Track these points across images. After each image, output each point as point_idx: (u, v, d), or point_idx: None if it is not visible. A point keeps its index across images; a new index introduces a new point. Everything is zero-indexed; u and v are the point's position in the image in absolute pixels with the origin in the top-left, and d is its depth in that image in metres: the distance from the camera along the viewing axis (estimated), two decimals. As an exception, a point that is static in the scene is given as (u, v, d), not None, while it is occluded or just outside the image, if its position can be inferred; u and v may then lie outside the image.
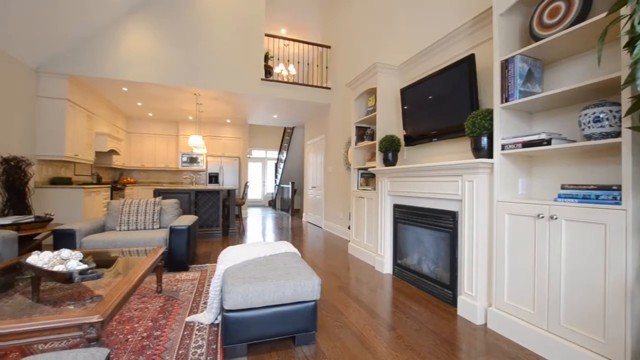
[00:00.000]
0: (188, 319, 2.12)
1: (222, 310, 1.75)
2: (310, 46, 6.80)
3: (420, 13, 3.44)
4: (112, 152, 6.60)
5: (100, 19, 4.62)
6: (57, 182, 4.89)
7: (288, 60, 6.82)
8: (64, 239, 2.87)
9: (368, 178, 4.06)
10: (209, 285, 2.81)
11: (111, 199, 6.15)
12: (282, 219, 8.31)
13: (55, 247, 2.80)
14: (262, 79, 5.65)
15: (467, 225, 2.28)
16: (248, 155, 10.03)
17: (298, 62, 6.42)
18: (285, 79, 6.78)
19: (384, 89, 3.58)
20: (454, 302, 2.45)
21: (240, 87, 5.52)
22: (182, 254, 3.17)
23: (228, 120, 8.36)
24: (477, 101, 2.46)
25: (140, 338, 1.86)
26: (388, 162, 3.38)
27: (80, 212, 4.73)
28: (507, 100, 2.01)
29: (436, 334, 2.02)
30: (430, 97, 2.94)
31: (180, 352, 1.72)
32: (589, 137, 1.63)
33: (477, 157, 2.28)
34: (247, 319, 1.71)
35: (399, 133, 3.55)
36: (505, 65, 2.01)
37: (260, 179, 12.86)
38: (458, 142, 2.81)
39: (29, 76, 4.45)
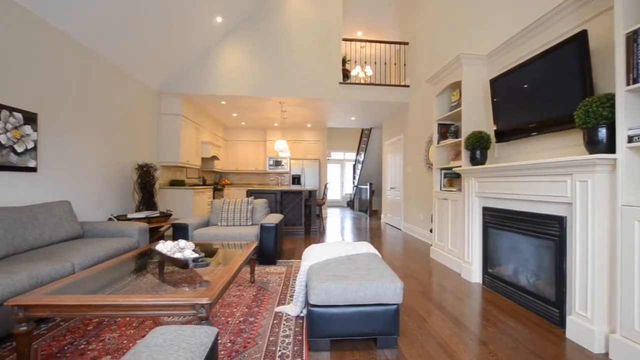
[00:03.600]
0: (277, 309, 2.33)
1: (307, 304, 1.87)
2: (387, 45, 6.67)
3: (514, -8, 3.05)
4: (214, 157, 7.66)
5: (204, 44, 5.43)
6: (174, 183, 5.92)
7: (365, 62, 6.83)
8: (180, 231, 3.46)
9: (452, 178, 3.79)
10: (294, 279, 3.03)
11: (213, 198, 7.13)
12: (360, 219, 8.34)
13: (174, 237, 3.41)
14: (340, 83, 5.80)
15: (580, 233, 1.94)
16: (327, 157, 10.37)
17: (375, 63, 6.37)
18: (362, 81, 6.81)
19: (469, 82, 3.29)
20: (560, 323, 2.11)
21: (320, 93, 5.78)
22: (271, 249, 3.49)
23: (309, 125, 8.81)
24: (591, 86, 2.06)
25: (237, 322, 2.13)
26: (476, 160, 3.10)
27: (190, 209, 5.64)
28: (635, 82, 1.64)
29: (539, 356, 1.77)
30: (526, 85, 2.58)
31: (270, 338, 1.91)
32: None
33: (592, 152, 1.92)
34: (330, 315, 1.80)
35: (488, 129, 3.21)
36: (634, 38, 1.64)
37: (339, 180, 13.14)
38: (564, 136, 2.39)
39: (154, 97, 5.53)
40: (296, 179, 9.16)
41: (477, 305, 2.51)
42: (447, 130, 3.82)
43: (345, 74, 6.26)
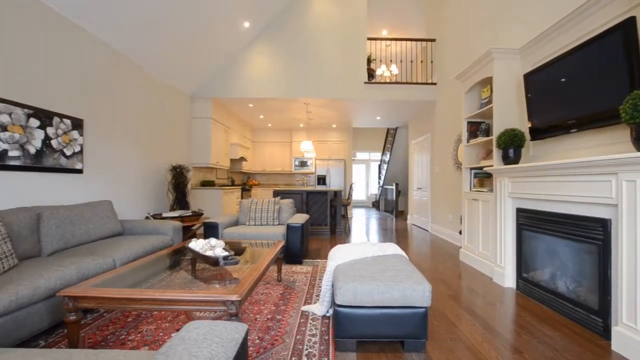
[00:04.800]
0: (303, 308, 2.36)
1: (334, 304, 1.88)
2: (413, 43, 6.52)
3: (551, -19, 2.88)
4: (242, 159, 7.87)
5: (233, 49, 5.62)
6: (205, 184, 6.17)
7: (390, 61, 6.72)
8: (211, 230, 3.60)
9: (483, 178, 3.64)
10: (320, 279, 3.05)
11: (241, 198, 7.34)
12: (385, 220, 8.23)
13: (205, 236, 3.55)
14: (365, 83, 5.76)
15: (627, 238, 1.80)
16: (352, 158, 10.32)
17: (400, 61, 6.25)
18: (388, 80, 6.71)
19: (501, 77, 3.15)
20: (605, 333, 1.97)
21: (345, 93, 5.78)
22: (297, 248, 3.54)
23: (334, 125, 8.82)
24: (640, 78, 1.91)
25: (265, 319, 2.18)
26: (508, 159, 2.96)
27: (220, 208, 5.84)
28: (691, 73, 1.50)
29: (579, 367, 1.67)
30: (564, 79, 2.43)
31: (297, 337, 1.94)
32: None
33: (640, 150, 1.77)
34: (357, 316, 1.80)
35: (521, 126, 3.05)
36: (688, 26, 1.50)
37: (364, 181, 13.03)
38: (607, 132, 2.21)
39: (187, 102, 5.79)
40: (321, 180, 9.19)
41: (510, 311, 2.40)
42: (477, 128, 3.68)
43: (371, 74, 6.20)
